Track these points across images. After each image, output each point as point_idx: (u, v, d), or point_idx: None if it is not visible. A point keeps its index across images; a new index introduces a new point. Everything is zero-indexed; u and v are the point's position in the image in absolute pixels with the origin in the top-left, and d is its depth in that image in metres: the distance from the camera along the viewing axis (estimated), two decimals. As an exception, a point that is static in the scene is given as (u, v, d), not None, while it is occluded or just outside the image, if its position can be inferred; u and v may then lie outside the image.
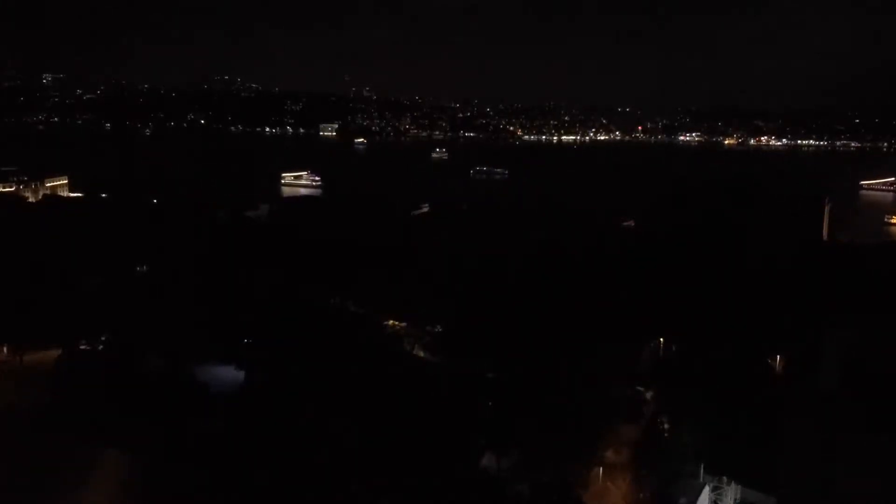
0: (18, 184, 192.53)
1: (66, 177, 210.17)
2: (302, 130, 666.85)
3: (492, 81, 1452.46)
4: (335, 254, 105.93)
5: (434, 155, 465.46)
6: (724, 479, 60.90)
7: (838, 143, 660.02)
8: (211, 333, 79.00)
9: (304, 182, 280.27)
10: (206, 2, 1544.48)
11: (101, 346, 79.57)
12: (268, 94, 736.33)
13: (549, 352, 72.61)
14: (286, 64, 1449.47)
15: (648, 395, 74.74)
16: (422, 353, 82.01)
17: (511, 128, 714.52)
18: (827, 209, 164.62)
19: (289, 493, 53.36)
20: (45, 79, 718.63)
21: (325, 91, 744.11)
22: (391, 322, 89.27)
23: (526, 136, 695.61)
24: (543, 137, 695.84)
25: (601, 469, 62.74)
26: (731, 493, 61.05)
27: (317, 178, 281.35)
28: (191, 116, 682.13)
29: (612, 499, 60.80)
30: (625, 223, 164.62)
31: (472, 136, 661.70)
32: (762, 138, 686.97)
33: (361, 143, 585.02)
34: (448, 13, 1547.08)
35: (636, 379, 76.37)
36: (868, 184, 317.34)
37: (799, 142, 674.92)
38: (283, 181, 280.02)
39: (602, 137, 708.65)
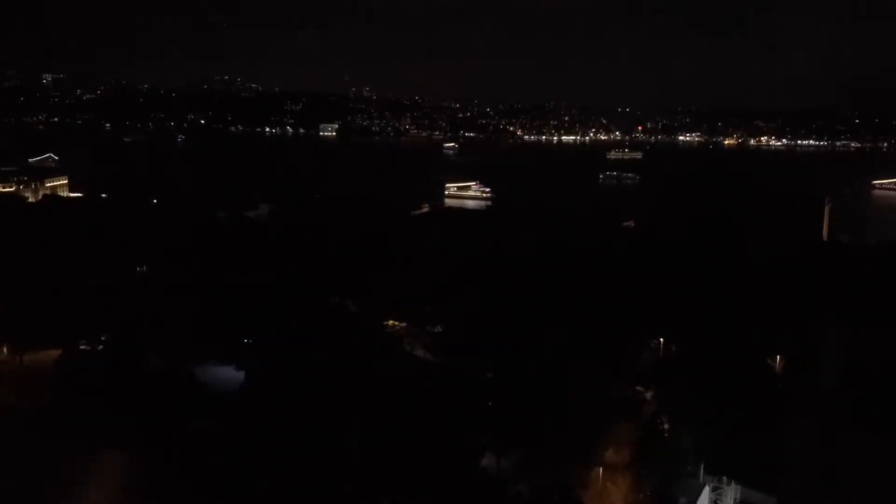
0: (18, 184, 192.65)
1: (66, 177, 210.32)
2: (302, 130, 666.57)
3: (492, 81, 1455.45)
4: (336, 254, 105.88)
5: (612, 156, 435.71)
6: (724, 479, 60.84)
7: (838, 144, 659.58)
8: (211, 333, 79.01)
9: (471, 193, 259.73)
10: (206, 2, 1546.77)
11: (101, 346, 79.48)
12: (268, 94, 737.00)
13: (549, 352, 72.57)
14: (286, 64, 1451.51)
15: (648, 395, 74.86)
16: (422, 353, 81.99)
17: (511, 128, 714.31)
18: (827, 209, 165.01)
19: (289, 493, 53.36)
20: (45, 79, 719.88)
21: (325, 91, 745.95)
22: (391, 322, 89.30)
23: (526, 136, 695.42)
24: (543, 137, 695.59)
25: (601, 469, 62.80)
26: (731, 493, 60.98)
27: (486, 190, 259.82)
28: (191, 116, 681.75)
29: (612, 499, 60.81)
30: (625, 223, 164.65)
31: (472, 136, 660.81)
32: (762, 138, 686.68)
33: (452, 147, 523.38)
34: (447, 13, 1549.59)
35: (636, 379, 76.52)
36: (880, 183, 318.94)
37: (799, 142, 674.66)
38: (446, 192, 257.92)
39: (602, 137, 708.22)
